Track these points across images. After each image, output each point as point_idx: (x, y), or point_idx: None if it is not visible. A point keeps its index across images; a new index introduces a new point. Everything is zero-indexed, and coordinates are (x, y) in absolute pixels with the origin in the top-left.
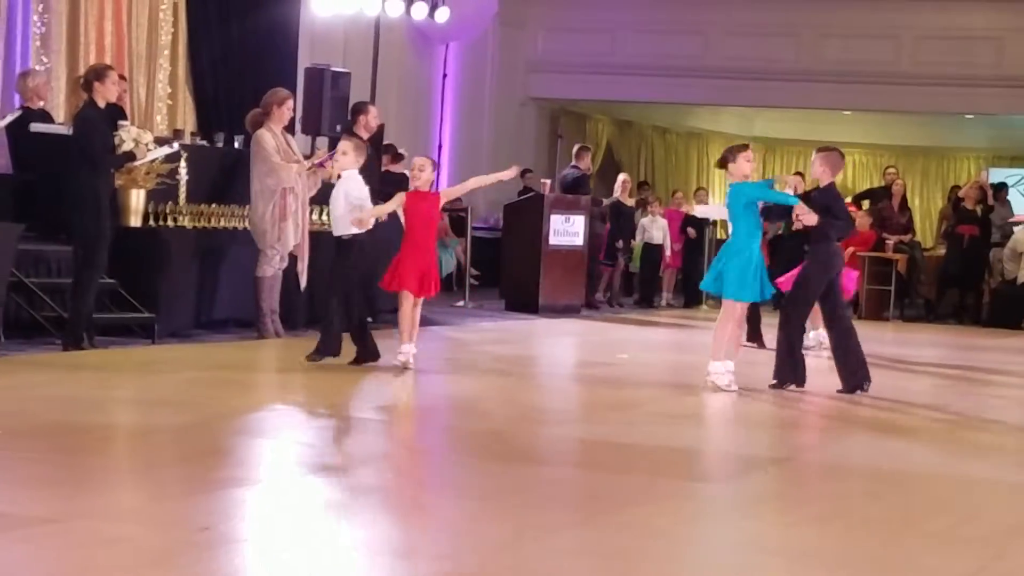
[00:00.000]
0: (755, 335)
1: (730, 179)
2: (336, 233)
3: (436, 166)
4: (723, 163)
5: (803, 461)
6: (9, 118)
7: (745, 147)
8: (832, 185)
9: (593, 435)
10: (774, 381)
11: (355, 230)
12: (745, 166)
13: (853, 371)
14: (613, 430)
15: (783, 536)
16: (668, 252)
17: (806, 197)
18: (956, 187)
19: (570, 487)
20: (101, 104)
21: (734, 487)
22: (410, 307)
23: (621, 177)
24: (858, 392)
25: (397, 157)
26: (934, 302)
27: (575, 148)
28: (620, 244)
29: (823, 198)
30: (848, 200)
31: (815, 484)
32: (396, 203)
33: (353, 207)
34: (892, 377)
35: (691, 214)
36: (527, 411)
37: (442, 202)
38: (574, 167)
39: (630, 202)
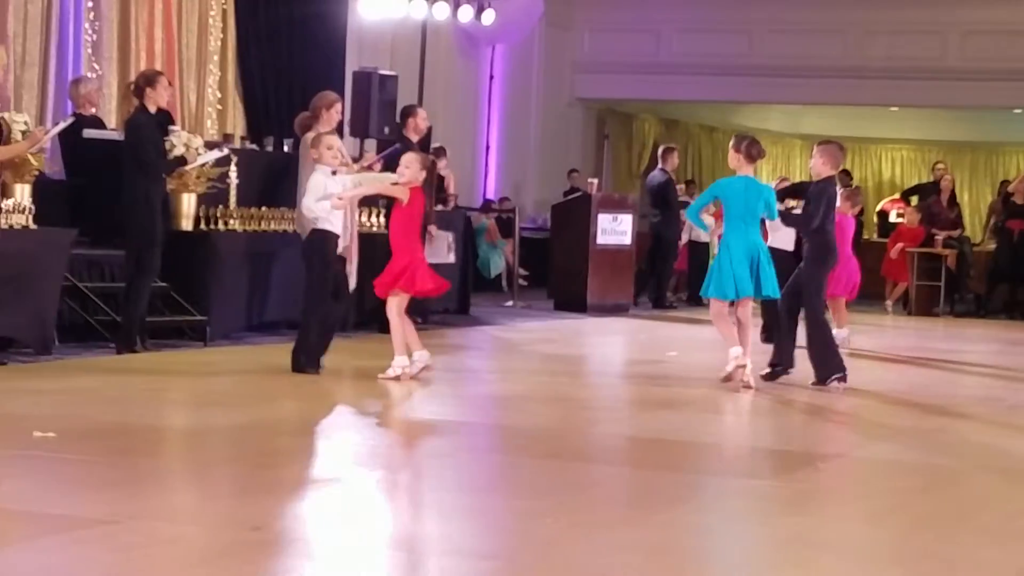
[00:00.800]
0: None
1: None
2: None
3: (425, 166)
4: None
5: (854, 457)
6: (62, 125)
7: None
8: (828, 179)
9: (642, 433)
10: (815, 380)
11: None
12: (733, 159)
13: (825, 361)
14: (662, 428)
15: (834, 532)
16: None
17: (802, 188)
18: (1005, 181)
19: (619, 485)
20: (152, 110)
21: (783, 484)
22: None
23: None
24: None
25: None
26: (984, 297)
27: (660, 149)
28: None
29: (814, 190)
30: (897, 196)
31: (866, 480)
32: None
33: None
34: (943, 373)
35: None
36: (576, 409)
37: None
38: (661, 170)
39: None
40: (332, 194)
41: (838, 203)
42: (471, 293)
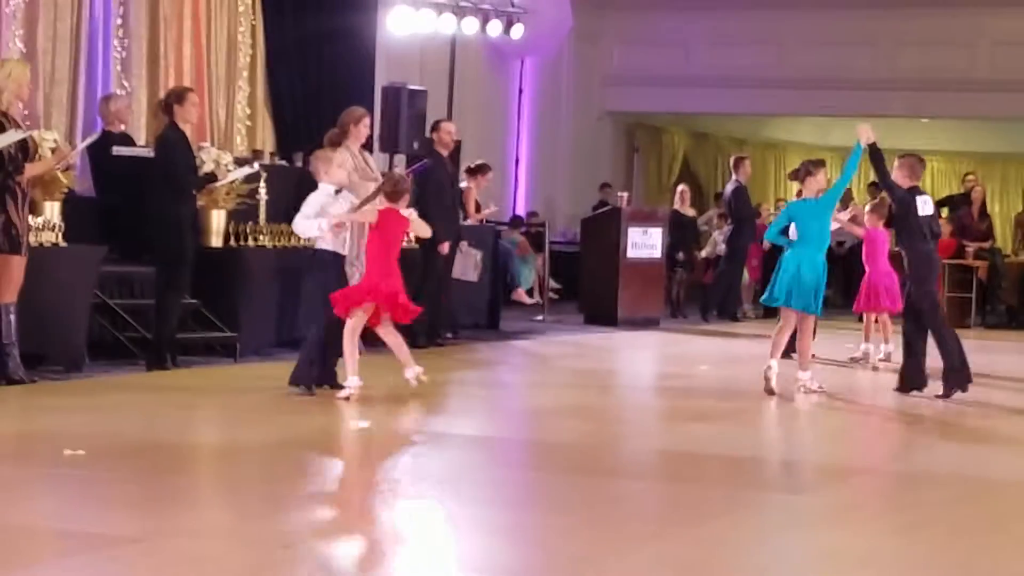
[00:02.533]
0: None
1: (805, 194)
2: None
3: (391, 189)
4: (798, 177)
5: (887, 471)
6: (89, 140)
7: (823, 163)
8: (909, 191)
9: (673, 447)
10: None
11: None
12: (823, 181)
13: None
14: (693, 442)
15: (869, 546)
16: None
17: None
18: None
19: (650, 500)
20: (182, 126)
21: (817, 498)
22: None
23: (680, 188)
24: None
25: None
26: (1016, 309)
27: (732, 159)
28: (681, 256)
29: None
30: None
31: (900, 493)
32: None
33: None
34: (975, 384)
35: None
36: (607, 424)
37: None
38: (735, 180)
39: (690, 212)
40: (329, 214)
41: (865, 217)
42: (501, 307)
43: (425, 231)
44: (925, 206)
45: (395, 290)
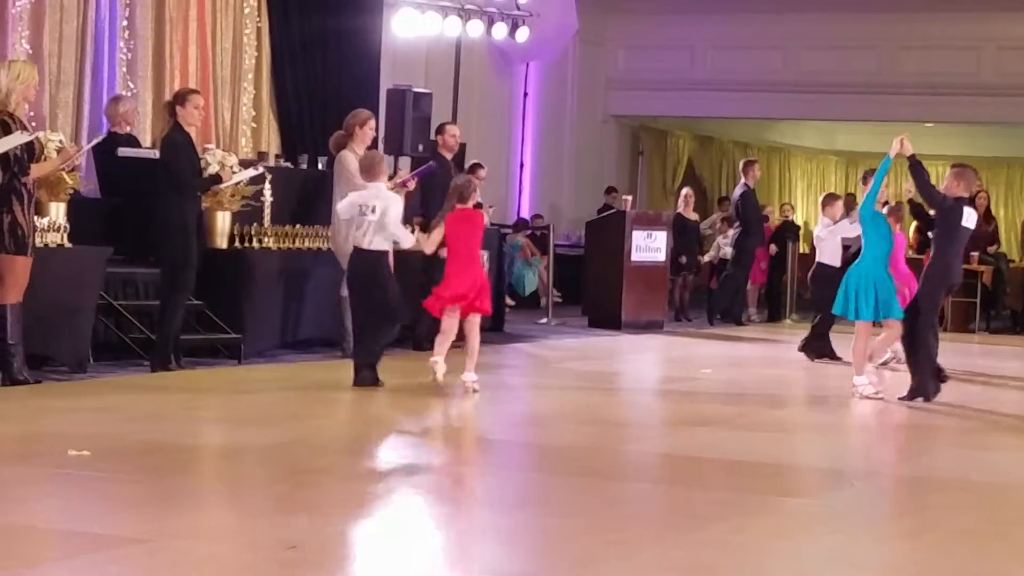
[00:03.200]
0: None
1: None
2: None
3: (465, 192)
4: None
5: (890, 475)
6: (95, 141)
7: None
8: (958, 200)
9: (676, 451)
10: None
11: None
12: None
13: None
14: (696, 445)
15: (872, 551)
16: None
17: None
18: None
19: (654, 503)
20: (186, 128)
21: (820, 502)
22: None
23: (684, 191)
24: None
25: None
26: (1021, 314)
27: (741, 164)
28: (684, 259)
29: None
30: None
31: (903, 498)
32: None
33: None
34: (979, 389)
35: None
36: (610, 427)
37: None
38: (743, 183)
39: (693, 216)
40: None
41: None
42: (505, 310)
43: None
44: (969, 219)
45: (472, 289)
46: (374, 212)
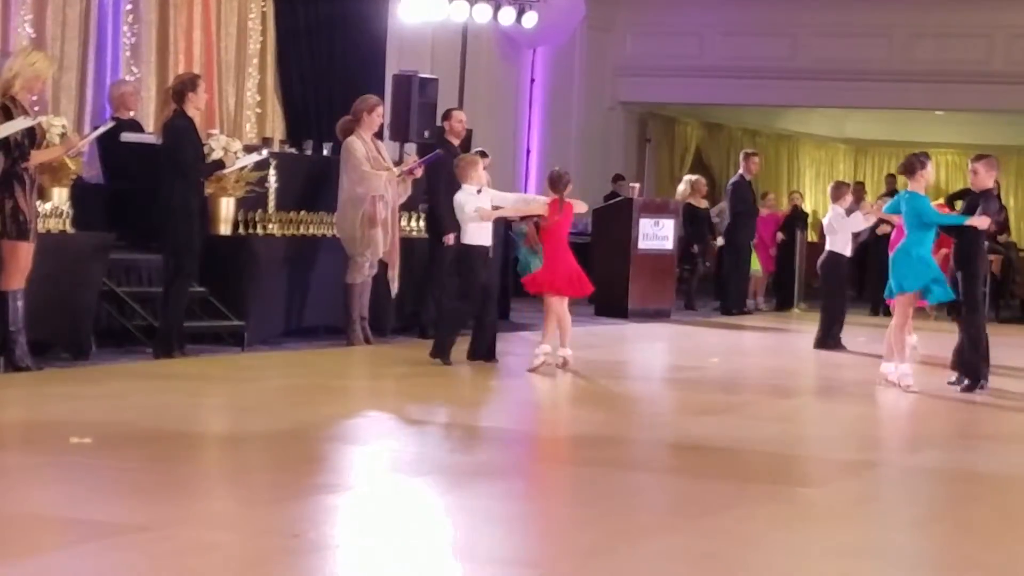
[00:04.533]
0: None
1: (913, 187)
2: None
3: (559, 182)
4: (910, 170)
5: (899, 465)
6: (101, 130)
7: (929, 157)
8: (989, 192)
9: (684, 440)
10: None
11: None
12: (931, 176)
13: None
14: (704, 434)
15: (880, 540)
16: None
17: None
18: None
19: (662, 492)
20: (191, 114)
21: (828, 491)
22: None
23: (693, 179)
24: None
25: None
26: None
27: (741, 155)
28: (696, 248)
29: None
30: (940, 201)
31: (912, 488)
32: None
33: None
34: (990, 379)
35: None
36: (617, 416)
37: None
38: (739, 175)
39: (703, 204)
40: (481, 207)
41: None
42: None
43: (581, 207)
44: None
45: (564, 274)
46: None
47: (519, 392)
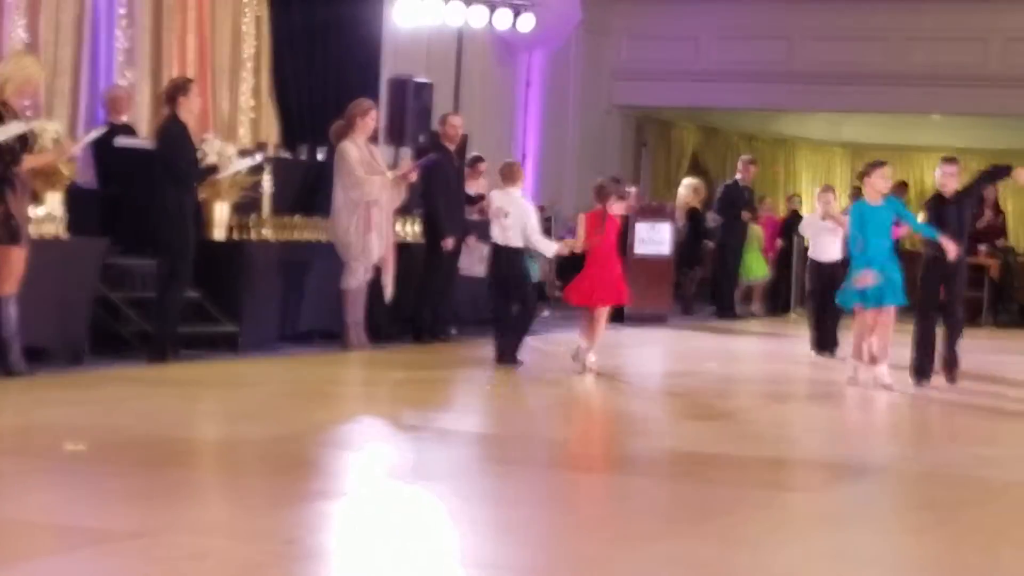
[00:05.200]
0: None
1: (865, 196)
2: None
3: (603, 192)
4: (861, 177)
5: (896, 470)
6: (94, 135)
7: (882, 163)
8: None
9: (681, 445)
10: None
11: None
12: (881, 183)
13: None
14: (701, 440)
15: (877, 546)
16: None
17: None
18: None
19: (658, 497)
20: (185, 118)
21: (825, 497)
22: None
23: (692, 183)
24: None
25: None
26: None
27: (740, 161)
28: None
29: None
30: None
31: (909, 493)
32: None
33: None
34: (987, 383)
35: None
36: (614, 421)
37: None
38: (732, 179)
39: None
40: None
41: None
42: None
43: (620, 208)
44: None
45: (606, 284)
46: (507, 216)
47: (513, 397)
